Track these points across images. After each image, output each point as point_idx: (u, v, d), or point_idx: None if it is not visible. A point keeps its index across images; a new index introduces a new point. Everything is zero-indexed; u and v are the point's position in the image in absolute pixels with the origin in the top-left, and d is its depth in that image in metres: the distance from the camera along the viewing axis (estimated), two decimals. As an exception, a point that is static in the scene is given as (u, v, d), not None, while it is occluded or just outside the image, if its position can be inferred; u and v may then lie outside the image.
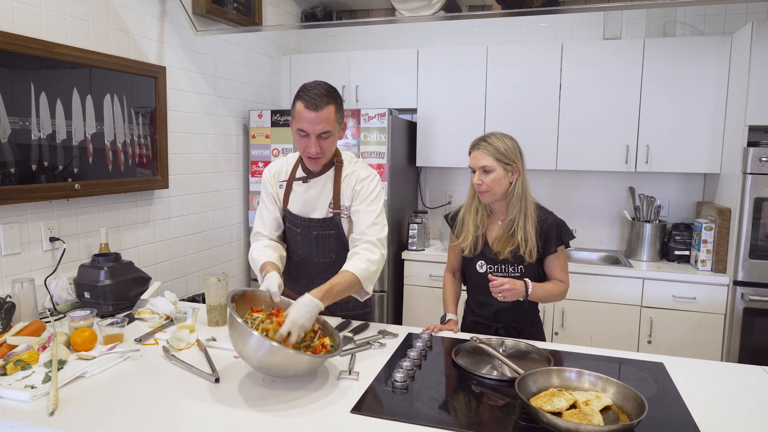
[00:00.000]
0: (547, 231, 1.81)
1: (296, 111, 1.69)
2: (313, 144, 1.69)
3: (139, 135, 2.46)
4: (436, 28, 3.77)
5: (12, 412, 1.25)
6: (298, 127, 1.69)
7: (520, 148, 1.83)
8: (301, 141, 1.72)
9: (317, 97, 1.65)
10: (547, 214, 1.84)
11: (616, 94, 3.13)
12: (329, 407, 1.29)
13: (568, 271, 1.90)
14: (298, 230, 1.88)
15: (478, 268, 1.88)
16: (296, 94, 1.70)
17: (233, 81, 3.24)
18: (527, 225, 1.79)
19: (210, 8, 2.78)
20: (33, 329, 1.68)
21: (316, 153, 1.71)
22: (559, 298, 1.87)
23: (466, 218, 1.91)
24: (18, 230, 1.98)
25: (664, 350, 2.90)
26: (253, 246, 1.88)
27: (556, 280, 1.86)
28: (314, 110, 1.65)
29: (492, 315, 1.90)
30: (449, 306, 2.00)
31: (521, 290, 1.75)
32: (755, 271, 2.75)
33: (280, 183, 1.90)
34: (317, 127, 1.67)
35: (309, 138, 1.69)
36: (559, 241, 1.82)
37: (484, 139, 1.83)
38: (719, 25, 3.26)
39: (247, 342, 1.33)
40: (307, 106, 1.65)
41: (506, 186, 1.81)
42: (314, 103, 1.65)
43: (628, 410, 1.23)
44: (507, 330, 1.88)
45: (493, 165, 1.78)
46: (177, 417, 1.25)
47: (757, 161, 2.68)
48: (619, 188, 3.49)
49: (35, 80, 1.97)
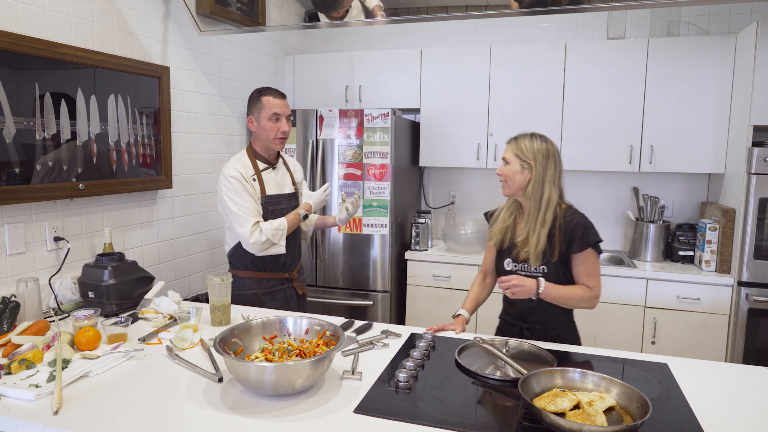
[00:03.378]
0: (572, 231, 1.78)
1: (265, 102, 2.13)
2: (285, 124, 2.15)
3: (143, 135, 2.47)
4: (439, 28, 3.77)
5: (16, 411, 1.26)
6: (272, 112, 2.12)
7: (552, 154, 1.80)
8: (275, 125, 2.14)
9: (278, 91, 2.19)
10: (574, 215, 1.81)
11: (620, 94, 3.12)
12: (332, 407, 1.29)
13: (599, 277, 1.81)
14: (283, 206, 2.21)
15: (506, 266, 1.90)
16: (258, 93, 2.16)
17: (237, 81, 3.24)
18: (541, 230, 1.78)
19: (213, 8, 2.78)
20: (37, 329, 1.68)
21: (288, 130, 2.17)
22: (583, 303, 1.79)
23: (500, 213, 1.96)
24: (23, 230, 1.99)
25: (668, 351, 2.89)
26: (264, 225, 2.09)
27: (582, 285, 1.80)
28: (282, 98, 2.18)
29: (519, 314, 1.90)
30: (466, 303, 2.00)
31: (532, 288, 1.72)
32: (760, 271, 2.74)
33: (252, 177, 2.15)
34: (287, 110, 2.18)
35: (281, 120, 2.14)
36: (583, 243, 1.77)
37: (516, 136, 1.87)
38: (724, 24, 3.25)
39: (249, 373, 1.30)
40: (276, 96, 2.16)
41: (522, 182, 1.82)
42: (280, 94, 2.18)
43: (632, 411, 1.22)
44: (531, 331, 1.85)
45: (511, 158, 1.83)
46: (180, 416, 1.25)
47: (762, 161, 2.67)
48: (622, 188, 3.48)
49: (40, 80, 1.97)
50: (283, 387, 1.30)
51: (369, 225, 3.18)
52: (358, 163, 3.15)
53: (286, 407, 1.28)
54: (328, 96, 3.69)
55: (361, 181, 3.16)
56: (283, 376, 1.29)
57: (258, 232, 2.06)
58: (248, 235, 2.05)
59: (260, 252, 2.10)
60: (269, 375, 1.28)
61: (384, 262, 3.19)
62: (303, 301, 2.39)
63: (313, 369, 1.32)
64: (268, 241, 2.08)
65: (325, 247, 3.27)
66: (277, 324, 1.57)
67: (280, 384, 1.30)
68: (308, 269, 3.30)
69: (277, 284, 2.25)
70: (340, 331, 1.49)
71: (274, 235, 2.08)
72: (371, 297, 3.22)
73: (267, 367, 1.28)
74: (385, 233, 3.16)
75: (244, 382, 1.33)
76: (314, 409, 1.28)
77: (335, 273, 3.28)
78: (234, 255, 2.23)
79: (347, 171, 3.18)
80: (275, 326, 1.56)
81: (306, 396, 1.34)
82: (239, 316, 1.94)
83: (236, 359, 1.32)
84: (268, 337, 1.53)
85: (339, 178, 3.19)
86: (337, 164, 3.18)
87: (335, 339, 1.48)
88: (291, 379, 1.29)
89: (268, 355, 1.42)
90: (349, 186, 3.17)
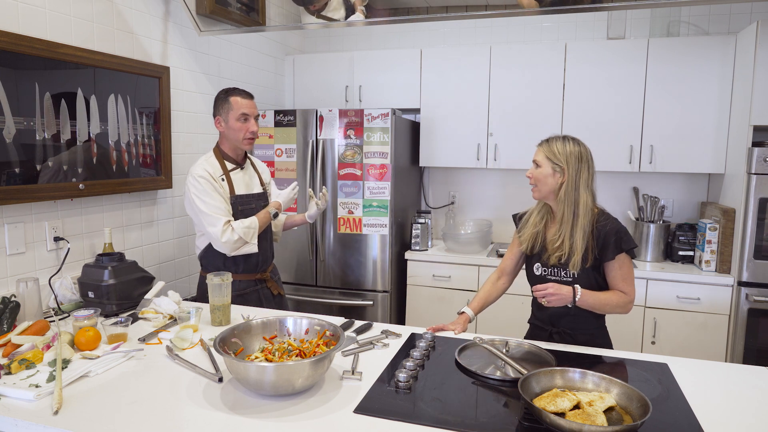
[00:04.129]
0: (605, 237, 1.73)
1: (233, 102, 2.12)
2: (254, 124, 2.15)
3: (143, 135, 2.47)
4: (439, 28, 3.77)
5: (16, 411, 1.26)
6: (240, 113, 2.11)
7: (586, 158, 1.76)
8: (243, 125, 2.13)
9: (246, 91, 2.17)
10: (608, 220, 1.77)
11: (620, 95, 3.12)
12: (332, 407, 1.29)
13: (633, 282, 1.78)
14: (252, 206, 2.20)
15: (535, 271, 1.86)
16: (225, 93, 2.14)
17: (237, 81, 3.24)
18: (575, 234, 1.73)
19: (213, 8, 2.78)
20: (37, 329, 1.69)
21: (257, 130, 2.17)
22: (619, 309, 1.75)
23: (530, 217, 1.91)
24: (23, 230, 1.99)
25: (668, 351, 2.89)
26: (236, 224, 2.08)
27: (617, 290, 1.77)
28: (250, 98, 2.17)
29: (548, 319, 1.86)
30: (473, 302, 1.97)
31: (568, 296, 1.68)
32: (760, 271, 2.74)
33: (221, 177, 2.15)
34: (255, 110, 2.17)
35: (250, 120, 2.14)
36: (617, 249, 1.73)
37: (548, 138, 1.82)
38: (724, 24, 3.25)
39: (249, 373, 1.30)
40: (244, 96, 2.15)
41: (554, 186, 1.77)
42: (248, 94, 2.17)
43: (632, 411, 1.23)
44: (561, 336, 1.82)
45: (542, 161, 1.78)
46: (180, 416, 1.25)
47: (762, 161, 2.67)
48: (622, 188, 3.48)
49: (40, 80, 1.97)
50: (283, 387, 1.30)
51: (369, 225, 3.18)
52: (358, 163, 3.15)
53: (286, 407, 1.28)
54: (328, 96, 3.69)
55: (361, 181, 3.16)
56: (283, 376, 1.29)
57: (230, 231, 2.04)
58: (220, 235, 2.02)
59: (232, 252, 2.08)
60: (269, 375, 1.28)
61: (384, 262, 3.19)
62: (281, 300, 2.38)
63: (313, 369, 1.32)
64: (240, 240, 2.06)
65: (325, 247, 3.27)
66: (277, 324, 1.57)
67: (280, 384, 1.30)
68: (307, 269, 3.30)
69: (249, 285, 2.23)
70: (340, 331, 1.49)
71: (245, 233, 2.07)
72: (371, 297, 3.22)
73: (267, 367, 1.28)
74: (385, 233, 3.16)
75: (244, 382, 1.33)
76: (314, 409, 1.28)
77: (335, 273, 3.28)
78: (205, 257, 2.20)
79: (347, 171, 3.18)
80: (275, 326, 1.56)
81: (306, 396, 1.34)
82: (239, 316, 1.94)
83: (236, 359, 1.32)
84: (268, 337, 1.54)
85: (339, 178, 3.19)
86: (337, 164, 3.18)
87: (335, 339, 1.48)
88: (291, 379, 1.29)
89: (268, 355, 1.42)
90: (349, 186, 3.18)
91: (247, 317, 1.89)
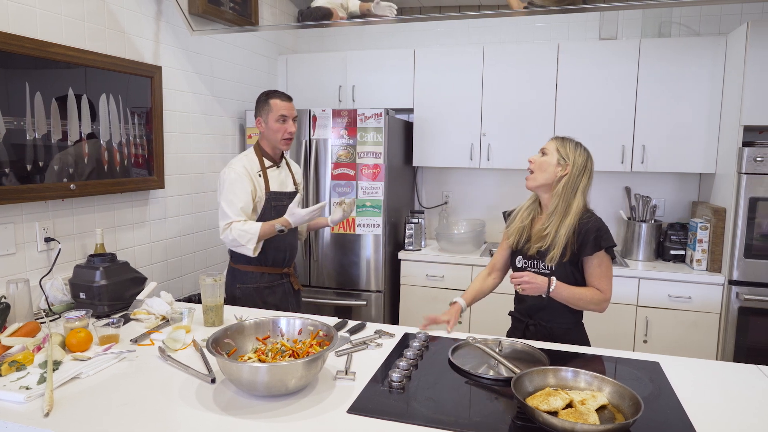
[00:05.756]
0: (586, 233, 1.76)
1: (273, 104, 2.24)
2: (291, 125, 2.26)
3: (135, 135, 2.45)
4: (432, 28, 3.77)
5: (6, 413, 1.25)
6: (279, 114, 2.22)
7: (589, 169, 1.85)
8: (282, 126, 2.24)
9: (285, 94, 2.29)
10: (591, 218, 1.80)
11: (612, 94, 3.14)
12: (325, 407, 1.29)
13: (611, 281, 1.81)
14: (284, 203, 2.27)
15: (517, 263, 1.91)
16: (266, 96, 2.26)
17: (229, 81, 3.23)
18: (560, 228, 1.77)
19: (206, 8, 2.77)
20: (28, 330, 1.67)
21: (294, 131, 2.28)
22: (593, 306, 1.79)
23: (519, 212, 1.96)
24: (13, 230, 1.97)
25: (660, 349, 2.91)
26: (235, 225, 2.14)
27: (593, 287, 1.80)
28: (289, 101, 2.28)
29: (525, 311, 1.91)
30: (466, 294, 2.01)
31: (543, 285, 1.73)
32: (750, 270, 2.76)
33: (258, 173, 2.25)
34: (293, 112, 2.28)
35: (288, 121, 2.25)
36: (596, 246, 1.75)
37: (563, 136, 1.91)
38: (714, 25, 3.28)
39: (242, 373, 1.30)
40: (283, 99, 2.27)
41: (553, 176, 1.82)
42: (287, 96, 2.28)
43: (624, 409, 1.23)
44: (537, 328, 1.86)
45: (551, 151, 1.85)
46: (172, 417, 1.24)
47: (752, 161, 2.69)
48: (614, 188, 3.50)
49: (30, 80, 1.96)
50: (276, 387, 1.30)
51: (362, 225, 3.18)
52: (351, 163, 3.15)
53: (279, 408, 1.28)
54: (321, 96, 3.68)
55: (354, 181, 3.16)
56: (276, 376, 1.28)
57: (228, 231, 2.16)
58: (221, 231, 2.19)
59: (230, 247, 2.23)
60: (262, 375, 1.27)
61: (377, 262, 3.19)
62: (298, 296, 2.51)
63: (306, 369, 1.31)
64: (234, 241, 2.16)
65: (319, 247, 3.26)
66: (270, 324, 1.56)
67: (273, 384, 1.29)
68: (301, 269, 3.30)
69: (276, 279, 2.35)
70: (333, 331, 1.49)
71: (240, 236, 2.14)
72: (364, 297, 3.22)
73: (260, 367, 1.27)
74: (378, 233, 3.16)
75: (236, 382, 1.32)
76: (307, 409, 1.28)
77: (328, 273, 3.27)
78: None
79: (340, 171, 3.17)
80: (268, 327, 1.56)
81: (299, 396, 1.34)
82: (232, 317, 1.94)
83: (229, 360, 1.32)
84: (261, 338, 1.53)
85: (332, 178, 3.19)
86: (331, 164, 3.18)
87: (328, 339, 1.48)
88: (284, 379, 1.29)
89: (261, 355, 1.42)
90: (342, 186, 3.17)
91: (240, 318, 1.88)
